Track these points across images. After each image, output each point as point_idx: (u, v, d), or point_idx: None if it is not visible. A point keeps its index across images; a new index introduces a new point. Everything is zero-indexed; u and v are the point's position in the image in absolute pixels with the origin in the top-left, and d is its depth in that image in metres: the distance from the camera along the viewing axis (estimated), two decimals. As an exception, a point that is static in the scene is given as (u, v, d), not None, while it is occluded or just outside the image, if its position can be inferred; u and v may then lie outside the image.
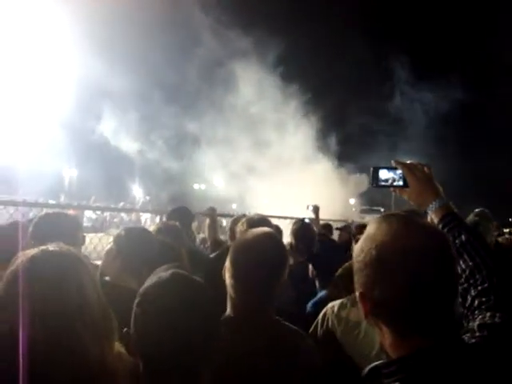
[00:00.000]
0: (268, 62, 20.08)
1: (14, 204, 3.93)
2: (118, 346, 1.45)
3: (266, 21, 20.49)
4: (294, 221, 4.63)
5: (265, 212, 6.01)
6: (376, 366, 1.12)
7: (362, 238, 1.16)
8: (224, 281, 1.85)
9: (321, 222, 6.80)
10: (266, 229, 1.98)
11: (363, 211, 22.62)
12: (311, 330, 2.49)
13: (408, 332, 1.09)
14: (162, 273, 1.42)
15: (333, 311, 2.46)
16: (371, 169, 1.63)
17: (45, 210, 2.90)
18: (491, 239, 2.92)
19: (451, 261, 1.11)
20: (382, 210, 20.82)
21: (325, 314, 2.50)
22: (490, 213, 3.85)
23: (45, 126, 16.47)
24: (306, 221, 5.48)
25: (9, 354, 1.22)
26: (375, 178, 1.63)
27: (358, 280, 1.14)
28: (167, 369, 1.29)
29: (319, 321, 2.51)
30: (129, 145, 19.74)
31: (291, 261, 3.27)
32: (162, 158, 19.51)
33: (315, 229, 4.82)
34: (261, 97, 19.51)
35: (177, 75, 19.17)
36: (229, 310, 1.83)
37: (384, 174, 1.63)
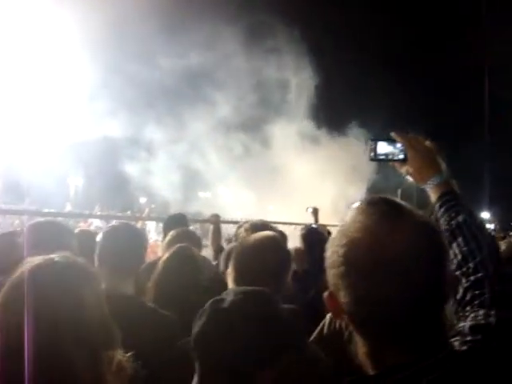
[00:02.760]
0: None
1: (15, 213, 3.91)
2: (119, 356, 1.41)
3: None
4: (301, 227, 4.60)
5: (270, 218, 5.95)
6: (351, 380, 0.97)
7: (337, 229, 0.97)
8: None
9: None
10: (268, 232, 1.94)
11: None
12: (316, 332, 2.43)
13: (380, 346, 0.93)
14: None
15: None
16: (369, 141, 1.47)
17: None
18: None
19: (437, 272, 0.91)
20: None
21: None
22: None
23: (50, 135, 16.49)
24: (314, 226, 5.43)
25: None
26: (373, 151, 1.46)
27: (328, 276, 0.96)
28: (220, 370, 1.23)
29: (326, 322, 2.44)
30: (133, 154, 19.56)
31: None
32: (166, 167, 19.30)
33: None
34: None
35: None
36: None
37: (383, 147, 1.46)
